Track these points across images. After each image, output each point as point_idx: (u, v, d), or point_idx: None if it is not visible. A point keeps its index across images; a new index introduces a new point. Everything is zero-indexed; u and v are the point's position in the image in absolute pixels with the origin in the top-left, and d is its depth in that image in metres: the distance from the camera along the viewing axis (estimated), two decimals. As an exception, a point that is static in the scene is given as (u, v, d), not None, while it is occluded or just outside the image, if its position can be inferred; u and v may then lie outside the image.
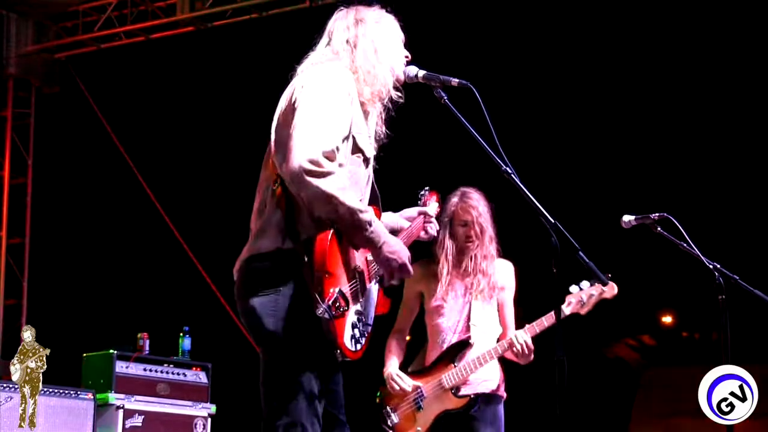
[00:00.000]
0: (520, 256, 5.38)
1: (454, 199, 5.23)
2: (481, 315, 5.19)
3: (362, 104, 3.52)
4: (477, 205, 5.20)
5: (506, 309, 5.26)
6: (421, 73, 3.56)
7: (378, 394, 5.29)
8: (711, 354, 5.11)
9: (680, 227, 4.85)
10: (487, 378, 5.16)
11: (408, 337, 5.41)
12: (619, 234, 5.23)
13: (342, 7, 3.68)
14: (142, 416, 7.37)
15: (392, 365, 5.24)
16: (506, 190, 3.38)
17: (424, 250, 5.23)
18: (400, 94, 3.60)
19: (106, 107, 10.94)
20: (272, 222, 3.38)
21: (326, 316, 3.25)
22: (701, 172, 10.40)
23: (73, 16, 10.77)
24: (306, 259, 3.28)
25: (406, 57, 3.64)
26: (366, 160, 3.51)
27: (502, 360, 5.22)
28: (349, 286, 3.38)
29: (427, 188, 4.10)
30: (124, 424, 7.25)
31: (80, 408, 7.01)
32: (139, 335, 7.70)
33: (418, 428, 5.12)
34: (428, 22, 9.25)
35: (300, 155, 3.22)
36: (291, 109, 3.39)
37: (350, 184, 3.39)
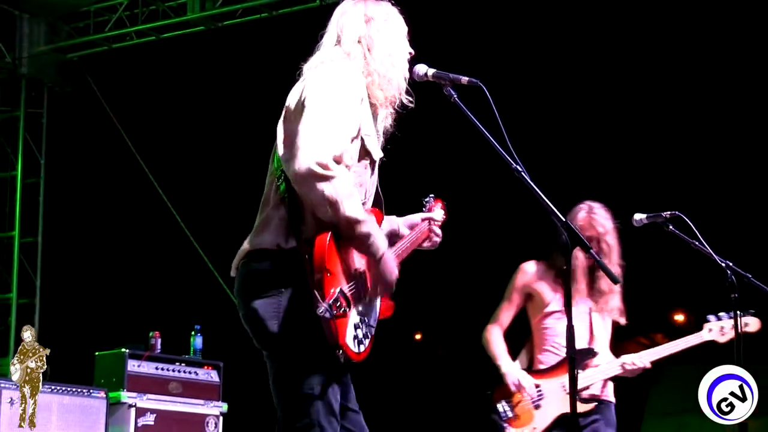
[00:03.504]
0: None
1: (582, 214, 5.18)
2: (599, 328, 5.25)
3: (372, 105, 3.49)
4: (604, 222, 5.18)
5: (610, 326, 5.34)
6: (431, 71, 3.52)
7: (489, 390, 5.25)
8: (723, 352, 5.10)
9: (692, 225, 4.84)
10: (604, 386, 5.22)
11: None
12: (630, 232, 5.22)
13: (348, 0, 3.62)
14: (154, 415, 7.38)
15: (508, 362, 5.24)
16: (517, 188, 3.37)
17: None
18: (411, 98, 3.57)
19: (117, 107, 10.96)
20: (275, 218, 3.35)
21: (327, 315, 3.21)
22: (713, 171, 10.37)
23: (84, 17, 10.80)
24: (307, 258, 3.24)
25: (410, 53, 3.61)
26: (372, 163, 3.49)
27: None
28: (350, 286, 3.34)
29: (432, 195, 4.00)
30: (136, 423, 7.26)
31: (92, 406, 7.03)
32: (150, 334, 7.71)
33: (534, 427, 5.10)
34: (438, 20, 9.24)
35: (308, 157, 3.19)
36: (299, 106, 3.36)
37: (356, 186, 3.37)
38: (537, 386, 5.13)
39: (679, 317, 13.48)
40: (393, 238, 3.74)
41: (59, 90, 11.08)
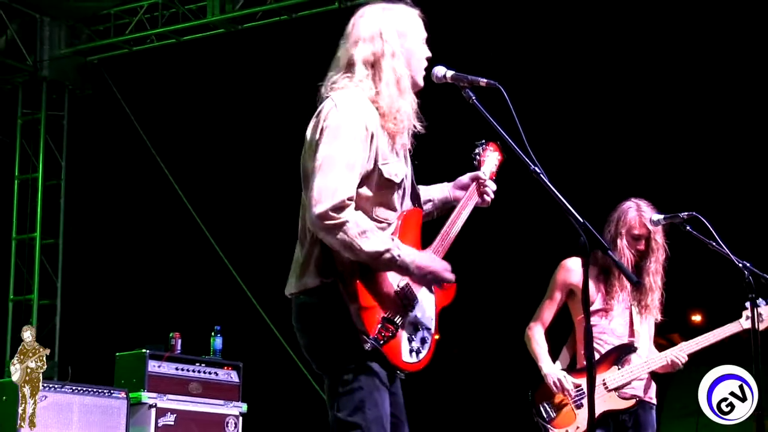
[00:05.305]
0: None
1: (632, 213, 5.17)
2: (640, 323, 5.25)
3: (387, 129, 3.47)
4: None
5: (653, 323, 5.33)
6: (450, 73, 3.53)
7: (530, 390, 5.23)
8: (741, 353, 5.10)
9: (709, 226, 4.85)
10: (646, 385, 5.22)
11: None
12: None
13: (365, 7, 3.59)
14: (175, 415, 7.42)
15: (549, 363, 5.22)
16: (535, 189, 3.39)
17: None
18: (421, 125, 3.53)
19: (137, 109, 11.02)
20: (312, 257, 3.41)
21: (376, 347, 3.31)
22: (731, 171, 10.34)
23: (105, 20, 10.87)
24: (343, 292, 3.32)
25: (428, 58, 3.60)
26: (398, 185, 3.48)
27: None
28: (392, 308, 3.39)
29: (483, 141, 3.89)
30: (156, 423, 7.31)
31: (113, 407, 7.08)
32: (171, 335, 7.75)
33: (578, 426, 5.10)
34: (456, 21, 9.26)
35: (314, 209, 3.26)
36: (315, 145, 3.37)
37: (382, 209, 3.42)
38: (578, 386, 5.11)
39: (697, 317, 13.45)
40: (446, 205, 3.77)
41: (80, 93, 11.15)
